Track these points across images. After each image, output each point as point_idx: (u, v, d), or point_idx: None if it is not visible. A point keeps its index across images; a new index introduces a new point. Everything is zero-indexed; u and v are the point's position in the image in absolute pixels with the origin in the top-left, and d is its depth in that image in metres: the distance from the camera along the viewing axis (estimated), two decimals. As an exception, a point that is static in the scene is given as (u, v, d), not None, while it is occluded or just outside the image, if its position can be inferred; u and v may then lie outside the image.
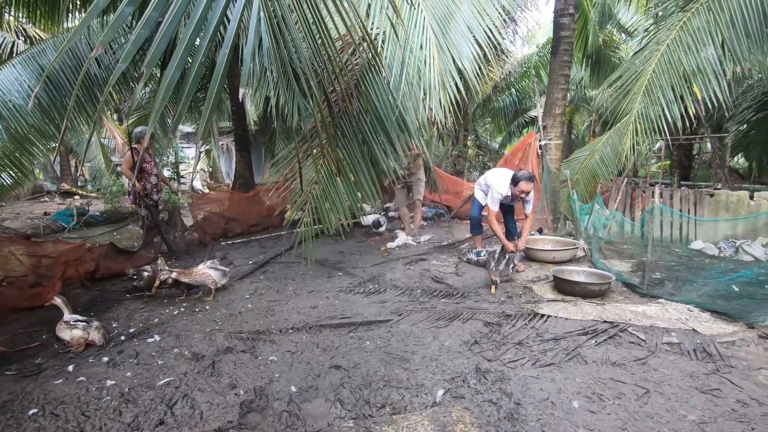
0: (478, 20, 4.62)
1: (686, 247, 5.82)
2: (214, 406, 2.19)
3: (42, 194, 13.00)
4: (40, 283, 3.73)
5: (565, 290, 3.86)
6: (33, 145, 6.40)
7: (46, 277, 3.79)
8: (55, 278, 3.78)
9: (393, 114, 3.91)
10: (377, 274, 4.50)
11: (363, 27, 2.36)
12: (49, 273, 3.81)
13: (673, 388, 2.32)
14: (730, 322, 3.17)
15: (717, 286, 3.92)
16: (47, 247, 3.98)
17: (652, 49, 5.41)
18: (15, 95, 5.66)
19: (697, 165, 11.30)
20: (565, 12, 6.38)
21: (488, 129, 18.15)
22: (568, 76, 6.66)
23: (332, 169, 3.67)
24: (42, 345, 2.94)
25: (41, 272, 3.78)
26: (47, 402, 2.24)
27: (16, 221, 8.61)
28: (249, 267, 4.89)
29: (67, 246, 4.10)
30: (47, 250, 3.93)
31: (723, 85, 4.88)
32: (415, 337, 2.97)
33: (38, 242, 4.13)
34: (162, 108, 1.18)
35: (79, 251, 4.15)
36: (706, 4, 4.94)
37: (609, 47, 10.54)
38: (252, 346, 2.86)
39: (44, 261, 3.82)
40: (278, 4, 1.55)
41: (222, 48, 1.26)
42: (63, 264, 3.93)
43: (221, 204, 6.74)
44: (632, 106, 5.39)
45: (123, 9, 1.11)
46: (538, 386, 2.33)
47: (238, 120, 8.72)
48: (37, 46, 6.15)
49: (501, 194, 4.41)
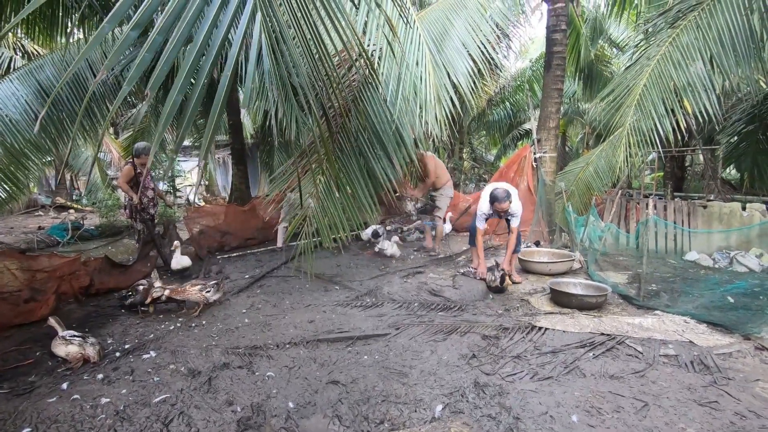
0: (473, 36, 4.72)
1: (681, 258, 5.87)
2: (210, 424, 2.17)
3: (36, 208, 12.93)
4: (35, 298, 3.69)
5: (562, 302, 3.87)
6: (28, 159, 6.40)
7: (40, 291, 3.74)
8: (48, 293, 3.74)
9: (390, 129, 3.95)
10: (374, 288, 4.49)
11: (360, 44, 2.40)
12: (44, 288, 3.76)
13: (671, 400, 2.32)
14: (727, 334, 3.19)
15: (712, 298, 3.95)
16: (42, 261, 3.93)
17: (643, 64, 5.51)
18: (12, 110, 5.67)
19: (690, 176, 11.43)
20: (557, 28, 6.52)
21: (483, 142, 18.33)
22: (561, 90, 6.78)
23: (330, 184, 3.69)
24: (35, 362, 2.90)
25: (36, 287, 3.74)
26: (40, 421, 2.21)
27: (10, 236, 8.54)
28: (245, 281, 4.87)
29: (62, 260, 4.06)
30: (42, 264, 3.88)
31: (713, 98, 4.97)
32: (413, 351, 2.96)
33: (33, 256, 4.09)
34: (165, 129, 1.19)
35: (74, 265, 4.11)
36: (695, 21, 5.06)
37: (601, 61, 10.74)
38: (249, 362, 2.84)
39: (39, 275, 3.78)
40: (278, 23, 1.58)
41: (225, 70, 1.28)
42: (58, 278, 3.88)
43: (217, 217, 6.73)
44: (625, 120, 5.47)
45: (128, 33, 1.13)
46: (537, 400, 2.33)
47: (235, 134, 8.76)
48: (35, 62, 6.19)
49: (483, 212, 4.64)
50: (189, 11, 1.20)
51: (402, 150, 4.16)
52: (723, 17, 4.82)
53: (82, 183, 15.77)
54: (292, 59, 1.64)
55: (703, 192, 8.33)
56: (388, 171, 4.13)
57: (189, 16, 1.19)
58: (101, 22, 5.86)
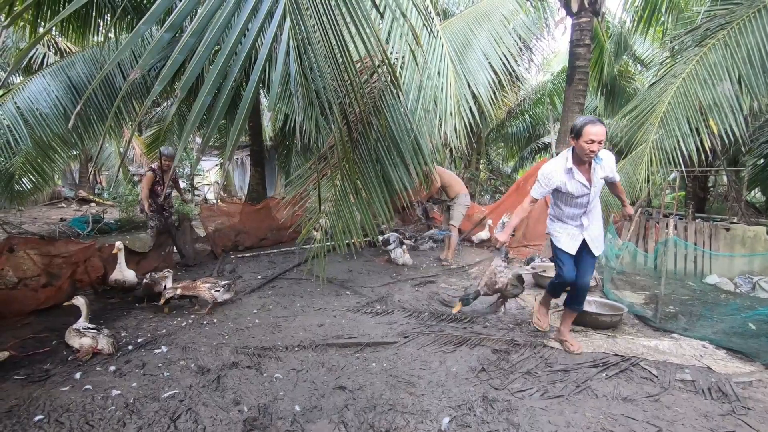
0: (495, 48, 4.72)
1: (701, 281, 5.71)
2: (217, 422, 2.18)
3: (60, 200, 13.29)
4: (51, 284, 3.79)
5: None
6: (55, 152, 6.61)
7: (57, 276, 3.84)
8: (63, 278, 3.83)
9: (408, 137, 3.97)
10: (385, 295, 4.48)
11: (383, 51, 2.42)
12: (60, 273, 3.86)
13: (686, 428, 2.24)
14: (747, 362, 3.08)
15: (733, 323, 3.83)
16: (59, 246, 4.04)
17: (668, 82, 5.43)
18: (42, 104, 5.87)
19: (713, 197, 11.15)
20: (581, 42, 6.47)
21: (501, 153, 18.21)
22: (582, 105, 6.71)
23: (347, 188, 3.71)
24: (51, 351, 2.96)
25: (53, 272, 3.84)
26: (53, 409, 2.25)
27: (33, 225, 8.79)
28: (258, 281, 4.91)
29: (78, 246, 4.16)
30: (59, 249, 3.99)
31: (739, 119, 4.86)
32: (422, 361, 2.94)
33: (50, 241, 4.20)
34: (193, 129, 1.22)
35: (89, 251, 4.19)
36: (723, 40, 4.97)
37: (624, 78, 10.60)
38: (257, 362, 2.85)
39: (55, 261, 3.88)
40: (305, 29, 1.61)
41: (252, 74, 1.31)
42: (73, 264, 3.97)
43: (232, 216, 6.82)
44: (647, 137, 5.38)
45: (162, 35, 1.17)
46: (547, 418, 2.28)
47: (255, 136, 8.89)
48: (66, 59, 6.40)
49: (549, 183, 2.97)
50: (221, 16, 1.23)
51: (419, 158, 4.17)
52: (753, 37, 4.73)
53: (105, 177, 16.17)
54: (318, 64, 1.66)
55: (726, 214, 8.13)
56: (404, 178, 4.13)
57: (221, 21, 1.22)
58: (132, 23, 6.07)
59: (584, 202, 3.01)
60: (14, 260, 3.67)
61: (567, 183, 2.94)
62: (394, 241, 6.48)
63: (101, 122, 6.37)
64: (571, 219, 3.09)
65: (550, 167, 2.99)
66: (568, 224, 3.11)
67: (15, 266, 3.67)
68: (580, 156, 2.85)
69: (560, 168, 2.95)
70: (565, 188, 2.96)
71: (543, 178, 2.99)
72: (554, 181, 2.96)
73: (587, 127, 2.71)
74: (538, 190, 3.03)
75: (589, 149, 2.75)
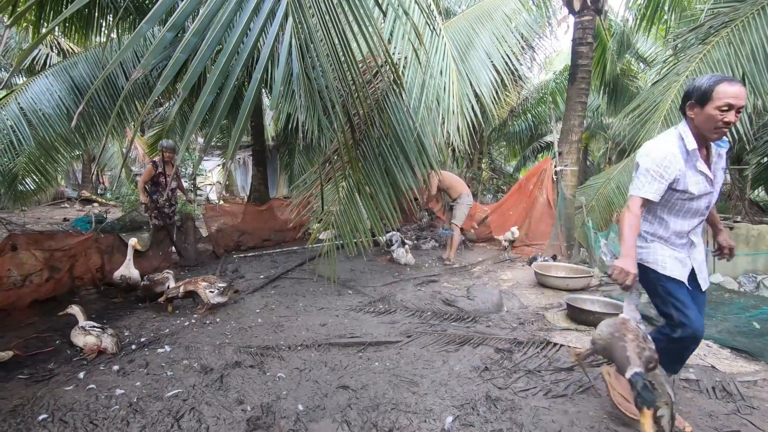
0: (497, 47, 4.71)
1: (704, 280, 5.68)
2: (220, 421, 2.18)
3: (63, 200, 13.34)
4: (53, 276, 3.83)
5: (579, 319, 3.78)
6: (58, 153, 6.62)
7: (57, 269, 3.87)
8: (63, 271, 3.86)
9: (412, 136, 3.96)
10: (388, 294, 4.48)
11: (386, 51, 2.42)
12: (60, 265, 3.89)
13: (691, 426, 2.23)
14: (751, 361, 3.06)
15: (737, 322, 3.81)
16: (59, 239, 4.07)
17: (671, 80, 5.40)
18: (45, 105, 5.89)
19: (716, 196, 11.08)
20: (583, 41, 6.44)
21: (503, 152, 18.18)
22: (585, 104, 6.68)
23: (352, 189, 3.71)
24: (55, 350, 2.97)
25: (54, 265, 3.86)
26: (57, 408, 2.26)
27: (37, 225, 8.82)
28: (260, 281, 4.92)
29: (76, 238, 4.19)
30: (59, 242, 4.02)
31: (743, 117, 4.84)
32: (425, 360, 2.93)
33: (50, 235, 4.22)
34: (195, 129, 1.22)
35: (87, 243, 4.23)
36: (727, 38, 4.94)
37: (627, 76, 10.56)
38: (260, 362, 2.86)
39: (56, 254, 3.91)
40: (308, 28, 1.61)
41: (254, 73, 1.31)
42: (71, 257, 4.00)
43: (235, 217, 6.82)
44: (651, 136, 5.35)
45: (165, 34, 1.17)
46: (550, 418, 2.28)
47: (257, 136, 8.90)
48: (69, 59, 6.41)
49: (667, 172, 1.91)
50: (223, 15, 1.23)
51: (423, 158, 4.16)
52: (758, 34, 4.70)
53: (107, 177, 16.22)
54: (320, 63, 1.66)
55: (730, 213, 8.08)
56: (409, 178, 4.13)
57: (223, 20, 1.22)
58: (134, 23, 6.08)
59: (703, 208, 2.02)
60: (17, 258, 3.69)
61: (687, 175, 1.93)
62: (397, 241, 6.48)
63: (104, 122, 6.39)
64: (678, 237, 2.05)
65: (665, 149, 1.91)
66: (674, 246, 2.06)
67: (18, 265, 3.69)
68: (703, 133, 1.89)
69: (678, 150, 1.91)
70: (682, 183, 1.93)
71: (656, 165, 1.89)
72: (672, 171, 1.90)
73: (721, 86, 1.81)
74: (652, 186, 1.91)
75: (723, 120, 1.82)
